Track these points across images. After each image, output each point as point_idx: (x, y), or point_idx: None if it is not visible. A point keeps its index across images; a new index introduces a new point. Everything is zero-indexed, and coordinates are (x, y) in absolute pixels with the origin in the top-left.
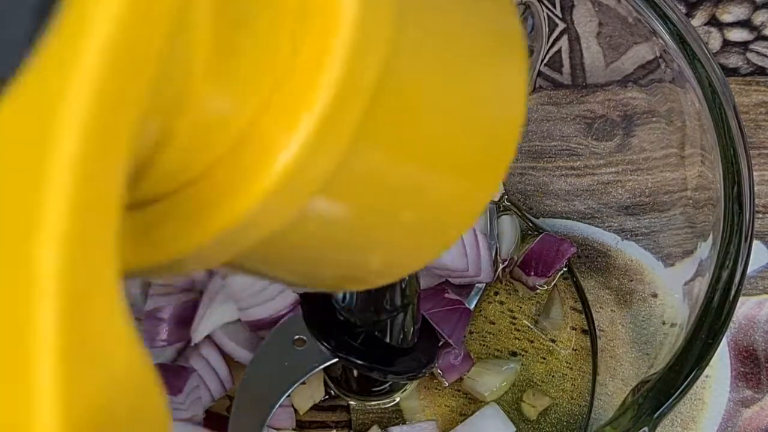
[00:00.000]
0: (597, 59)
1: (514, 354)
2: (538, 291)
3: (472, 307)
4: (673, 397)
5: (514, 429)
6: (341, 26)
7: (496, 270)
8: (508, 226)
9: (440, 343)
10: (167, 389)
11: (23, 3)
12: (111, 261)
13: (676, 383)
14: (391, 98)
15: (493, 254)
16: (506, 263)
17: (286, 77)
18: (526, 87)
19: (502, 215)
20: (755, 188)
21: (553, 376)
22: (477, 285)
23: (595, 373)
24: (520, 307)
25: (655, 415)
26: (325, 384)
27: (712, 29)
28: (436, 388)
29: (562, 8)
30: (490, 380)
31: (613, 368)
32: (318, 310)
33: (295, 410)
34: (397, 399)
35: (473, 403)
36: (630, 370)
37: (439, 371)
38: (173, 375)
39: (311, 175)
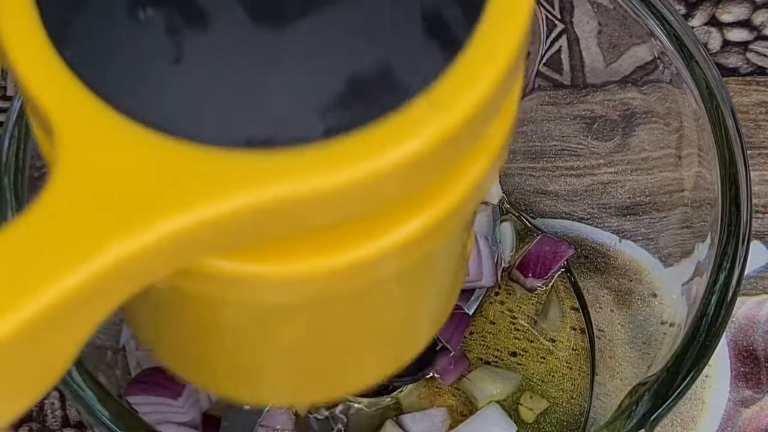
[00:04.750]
0: (596, 60)
1: (513, 354)
2: (536, 291)
3: (471, 312)
4: (670, 400)
5: (516, 429)
6: None
7: (498, 274)
8: (507, 231)
9: (438, 348)
10: (167, 393)
11: None
12: None
13: (673, 386)
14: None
15: (495, 258)
16: (506, 266)
17: None
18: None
19: (502, 221)
20: (755, 188)
21: (552, 376)
22: (477, 289)
23: (593, 373)
24: (520, 308)
25: (652, 418)
26: None
27: (712, 29)
28: (437, 387)
29: (561, 9)
30: (488, 387)
31: (612, 368)
32: None
33: (294, 412)
34: (397, 398)
35: (473, 402)
36: (629, 369)
37: (436, 374)
38: (173, 379)
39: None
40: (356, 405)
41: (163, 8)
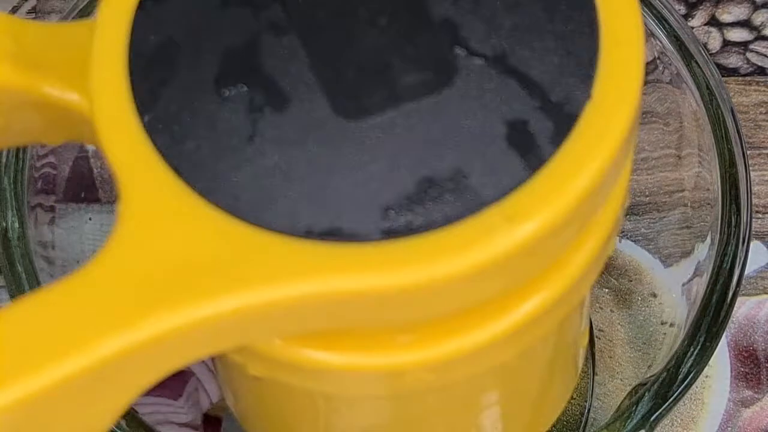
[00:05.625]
0: None
1: None
2: None
3: None
4: (670, 400)
5: None
6: None
7: None
8: None
9: None
10: (167, 393)
11: None
12: None
13: (673, 386)
14: None
15: None
16: None
17: None
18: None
19: None
20: (755, 188)
21: None
22: None
23: (593, 373)
24: None
25: (652, 419)
26: None
27: (712, 29)
28: None
29: None
30: None
31: (612, 368)
32: None
33: None
34: None
35: None
36: (629, 370)
37: None
38: (173, 379)
39: None
40: None
41: (247, 87)
